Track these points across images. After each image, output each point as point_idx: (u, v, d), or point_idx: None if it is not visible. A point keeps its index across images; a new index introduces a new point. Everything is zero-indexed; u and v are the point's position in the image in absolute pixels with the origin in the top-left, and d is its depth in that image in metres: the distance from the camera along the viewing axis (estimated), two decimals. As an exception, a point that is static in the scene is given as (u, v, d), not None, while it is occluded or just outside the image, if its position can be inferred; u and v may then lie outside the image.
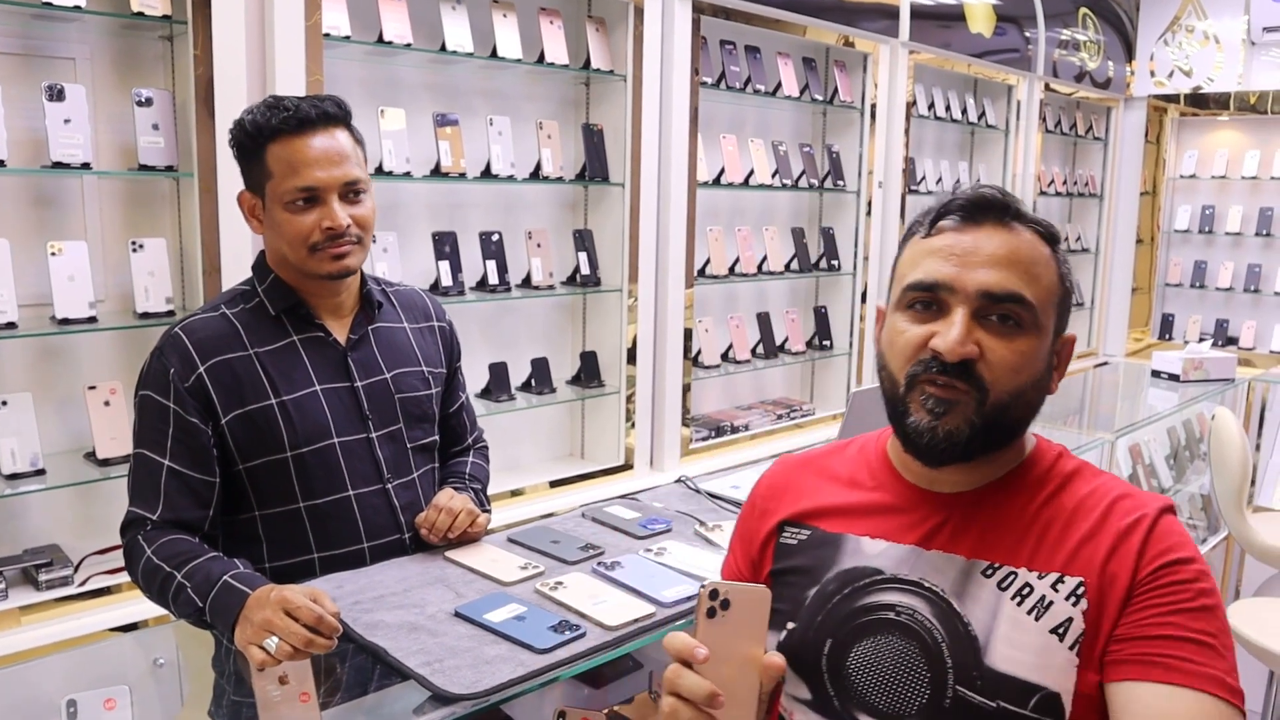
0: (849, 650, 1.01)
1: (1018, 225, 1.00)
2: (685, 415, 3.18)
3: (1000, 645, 0.95)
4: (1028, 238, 1.00)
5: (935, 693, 0.96)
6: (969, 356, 0.96)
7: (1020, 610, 0.95)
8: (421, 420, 1.62)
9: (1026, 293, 0.97)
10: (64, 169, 2.02)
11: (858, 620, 1.01)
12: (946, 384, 0.97)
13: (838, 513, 1.09)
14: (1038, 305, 0.98)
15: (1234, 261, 5.49)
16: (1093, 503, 0.99)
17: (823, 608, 1.04)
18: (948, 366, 0.97)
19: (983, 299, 0.97)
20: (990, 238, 0.99)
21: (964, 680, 0.95)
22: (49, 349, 2.15)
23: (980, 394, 0.97)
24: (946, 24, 4.11)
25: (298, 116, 1.44)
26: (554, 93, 3.00)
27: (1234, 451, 2.83)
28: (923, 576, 1.00)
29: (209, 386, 1.44)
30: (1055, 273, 1.01)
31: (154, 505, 1.42)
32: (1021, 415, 1.00)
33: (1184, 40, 5.48)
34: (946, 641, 0.97)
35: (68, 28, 2.10)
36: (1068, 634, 0.94)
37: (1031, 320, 0.98)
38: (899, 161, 3.94)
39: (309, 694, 1.22)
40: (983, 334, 0.97)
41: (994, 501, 1.02)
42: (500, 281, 2.77)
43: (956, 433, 0.97)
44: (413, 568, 1.53)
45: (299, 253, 1.47)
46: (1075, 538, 0.97)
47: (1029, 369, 0.98)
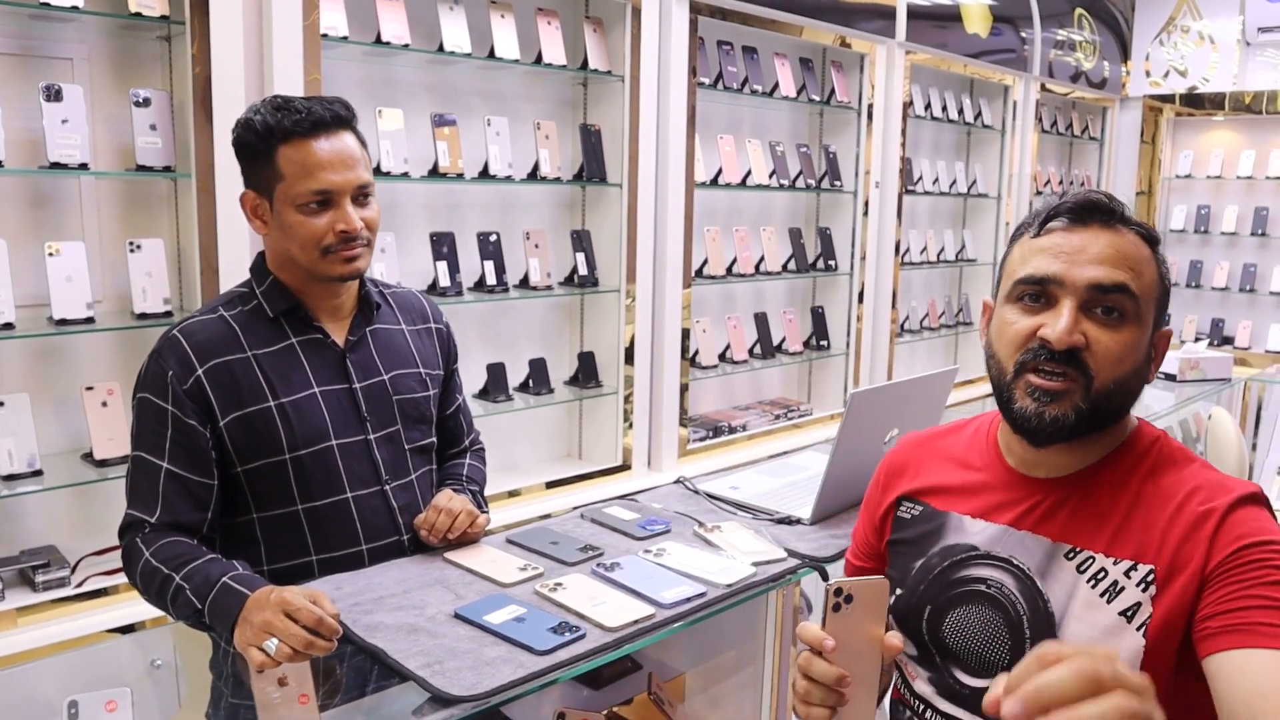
0: (945, 616, 1.14)
1: (1122, 227, 1.08)
2: (683, 415, 3.18)
3: (1073, 622, 1.05)
4: (1131, 238, 1.08)
5: (1014, 658, 1.07)
6: (1076, 345, 1.04)
7: (1094, 592, 1.05)
8: (419, 422, 1.62)
9: (1133, 285, 1.05)
10: (62, 169, 2.02)
11: (954, 590, 1.14)
12: (1053, 372, 1.05)
13: (947, 491, 1.20)
14: (1141, 297, 1.06)
15: (1229, 261, 5.50)
16: (1175, 491, 1.06)
17: (925, 578, 1.17)
18: (1056, 354, 1.05)
19: (1090, 291, 1.05)
20: (1097, 238, 1.07)
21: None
22: (46, 349, 2.15)
23: (1086, 380, 1.05)
24: (943, 24, 4.11)
25: (311, 119, 1.44)
26: (552, 93, 3.00)
27: (1230, 451, 2.84)
28: (1012, 554, 1.11)
29: (207, 389, 1.44)
30: (1156, 271, 1.09)
31: (152, 508, 1.42)
32: (1123, 402, 1.08)
33: (1179, 40, 5.50)
34: (1027, 614, 1.09)
35: (65, 28, 2.10)
36: (1135, 616, 1.02)
37: (1135, 312, 1.06)
38: (896, 162, 3.95)
39: (308, 695, 1.22)
40: (1089, 325, 1.06)
41: (1085, 488, 1.10)
42: (498, 282, 2.77)
43: (1063, 418, 1.05)
44: (412, 569, 1.53)
45: (311, 255, 1.47)
46: (1152, 526, 1.05)
47: (1131, 358, 1.06)
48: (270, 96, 1.49)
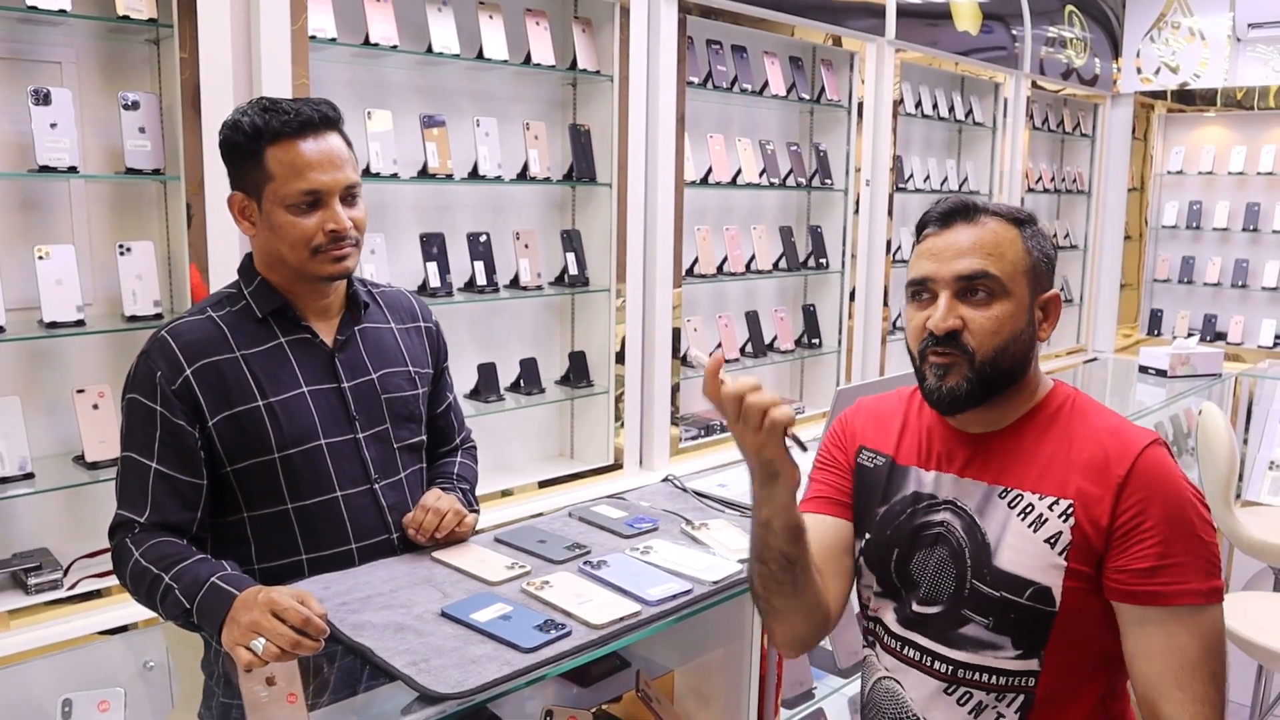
0: (911, 556, 1.33)
1: (983, 218, 1.28)
2: (674, 414, 3.19)
3: (1006, 551, 1.25)
4: (992, 225, 1.27)
5: (959, 584, 1.28)
6: (953, 329, 1.24)
7: (1023, 524, 1.24)
8: (408, 420, 1.63)
9: (992, 268, 1.25)
10: (51, 173, 2.03)
11: (919, 534, 1.33)
12: (943, 352, 1.25)
13: (902, 447, 1.38)
14: (1003, 277, 1.25)
15: (1221, 257, 5.52)
16: (1087, 436, 1.26)
17: (892, 523, 1.36)
18: (939, 339, 1.25)
19: (959, 281, 1.26)
20: (960, 234, 1.28)
21: (978, 575, 1.26)
22: (37, 352, 2.16)
23: (969, 355, 1.24)
24: (933, 22, 4.12)
25: (299, 119, 1.45)
26: (541, 93, 3.01)
27: (1221, 446, 2.85)
28: (956, 497, 1.31)
29: (196, 389, 1.44)
30: (1021, 246, 1.27)
31: (142, 508, 1.42)
32: (1012, 365, 1.26)
33: (1170, 37, 5.51)
34: (968, 547, 1.28)
35: (53, 31, 2.11)
36: (1058, 543, 1.22)
37: (1000, 289, 1.25)
38: (886, 160, 3.96)
39: (296, 695, 1.22)
40: (964, 309, 1.25)
41: (1013, 438, 1.30)
42: (488, 282, 2.78)
43: (957, 388, 1.25)
44: (400, 568, 1.54)
45: (300, 255, 1.47)
46: (1071, 467, 1.25)
47: (1006, 328, 1.25)
48: (257, 98, 1.50)
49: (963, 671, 1.27)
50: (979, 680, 1.26)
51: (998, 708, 1.26)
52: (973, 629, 1.26)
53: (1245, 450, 3.66)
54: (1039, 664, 1.24)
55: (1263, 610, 2.63)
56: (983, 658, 1.26)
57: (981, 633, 1.26)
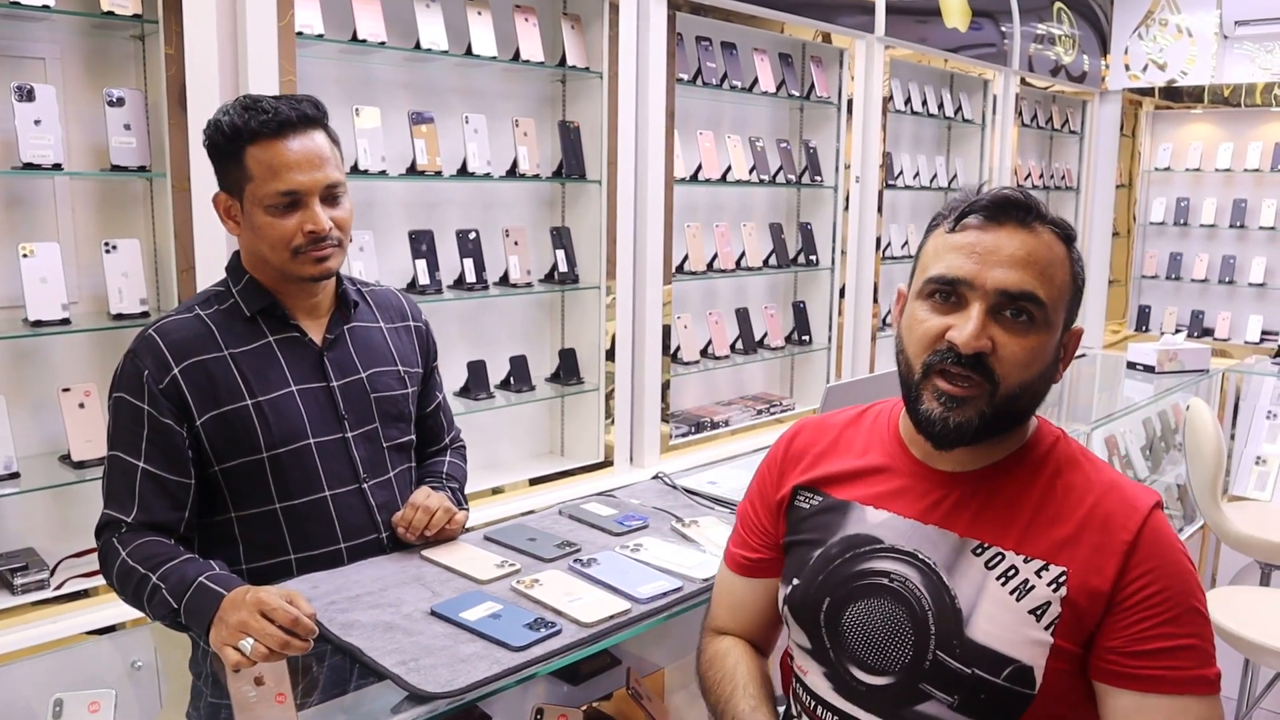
0: (844, 609, 1.12)
1: (1038, 226, 1.06)
2: (665, 412, 3.19)
3: (981, 620, 1.04)
4: (1046, 238, 1.06)
5: (917, 655, 1.07)
6: (982, 350, 1.03)
7: (1004, 590, 1.04)
8: (397, 420, 1.62)
9: (1041, 292, 1.03)
10: (35, 170, 2.01)
11: (855, 583, 1.12)
12: (960, 375, 1.04)
13: (847, 479, 1.18)
14: (1049, 304, 1.04)
15: (1208, 253, 5.54)
16: (1083, 494, 1.06)
17: (825, 569, 1.15)
18: (962, 358, 1.03)
19: (999, 296, 1.04)
20: (1011, 238, 1.05)
21: (944, 647, 1.06)
22: (21, 351, 2.14)
23: (992, 386, 1.03)
24: (922, 19, 4.13)
25: (278, 119, 1.43)
26: (530, 90, 3.00)
27: (1209, 442, 2.87)
28: (918, 548, 1.09)
29: (184, 388, 1.43)
30: (1069, 271, 1.07)
31: (128, 507, 1.41)
32: (1028, 405, 1.07)
33: (1158, 34, 5.53)
34: (933, 610, 1.07)
35: (37, 27, 2.09)
36: (1044, 616, 1.02)
37: (1043, 318, 1.04)
38: (876, 156, 3.96)
39: (285, 695, 1.22)
40: (997, 329, 1.04)
41: (993, 484, 1.09)
42: (478, 280, 2.77)
43: (966, 424, 1.04)
44: (389, 567, 1.53)
45: (281, 255, 1.46)
46: (1063, 528, 1.05)
47: (1038, 363, 1.05)
48: (240, 96, 1.49)
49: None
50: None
51: None
52: (932, 707, 1.06)
53: (1232, 445, 3.68)
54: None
55: (1249, 604, 2.64)
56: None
57: (943, 712, 1.05)
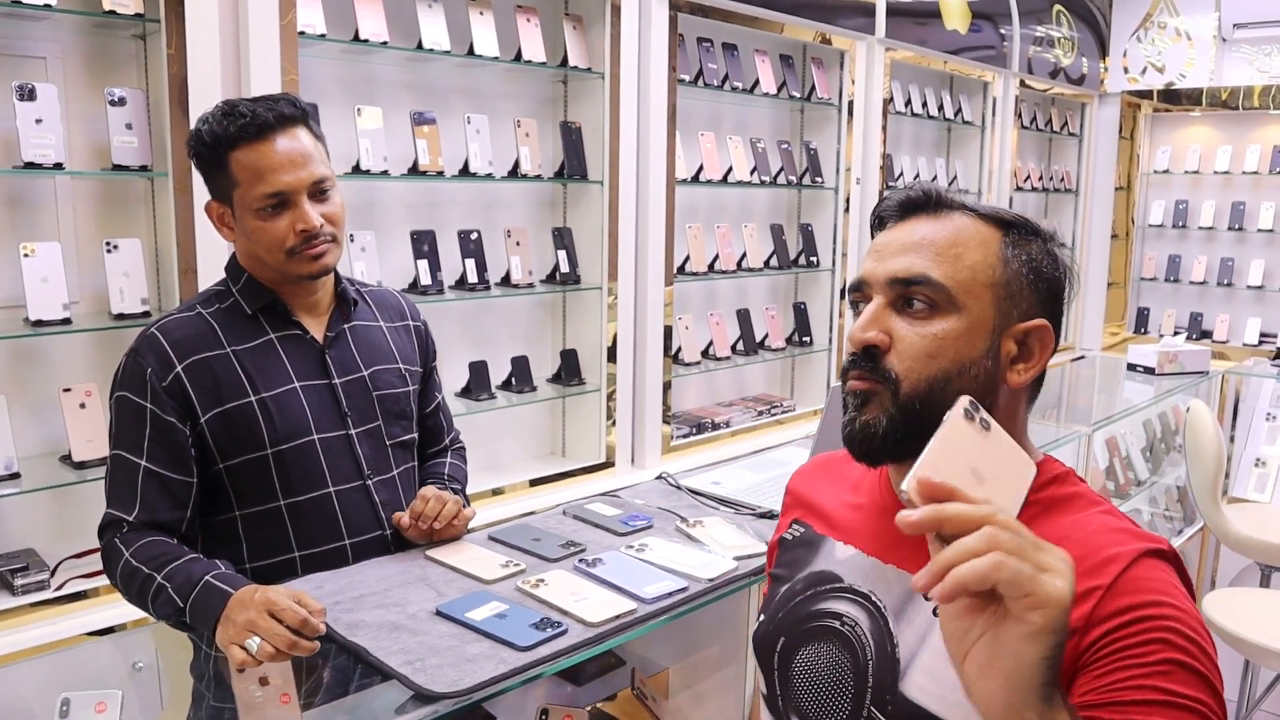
0: (796, 652, 1.02)
1: (950, 213, 0.97)
2: (666, 412, 3.19)
3: (918, 674, 0.92)
4: (957, 222, 0.96)
5: (854, 709, 0.95)
6: (870, 344, 0.94)
7: None
8: (400, 417, 1.62)
9: (934, 273, 0.93)
10: (36, 169, 2.00)
11: (809, 624, 1.01)
12: (860, 375, 0.94)
13: (829, 514, 1.09)
14: (951, 285, 0.93)
15: (1207, 256, 5.55)
16: (1063, 540, 0.82)
17: (785, 606, 1.05)
18: (857, 356, 0.95)
19: (893, 285, 0.94)
20: (912, 229, 0.96)
21: (878, 702, 0.94)
22: (22, 351, 2.13)
23: (892, 384, 0.93)
24: (922, 21, 4.13)
25: (256, 122, 1.42)
26: (532, 91, 2.99)
27: (1209, 443, 2.87)
28: (873, 589, 0.98)
29: (187, 386, 1.43)
30: (996, 253, 0.94)
31: (131, 507, 1.41)
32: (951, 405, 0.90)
33: (1156, 37, 5.54)
34: (873, 660, 0.95)
35: (38, 26, 2.08)
36: None
37: (945, 300, 0.92)
38: (876, 158, 3.96)
39: (289, 695, 1.22)
40: (897, 321, 0.94)
41: None
42: (479, 280, 2.76)
43: (873, 423, 0.93)
44: (393, 567, 1.53)
45: (277, 257, 1.46)
46: None
47: (947, 354, 0.92)
48: (219, 103, 1.48)
49: None
50: None
51: None
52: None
53: (1232, 448, 3.68)
54: None
55: (1249, 606, 2.64)
56: None
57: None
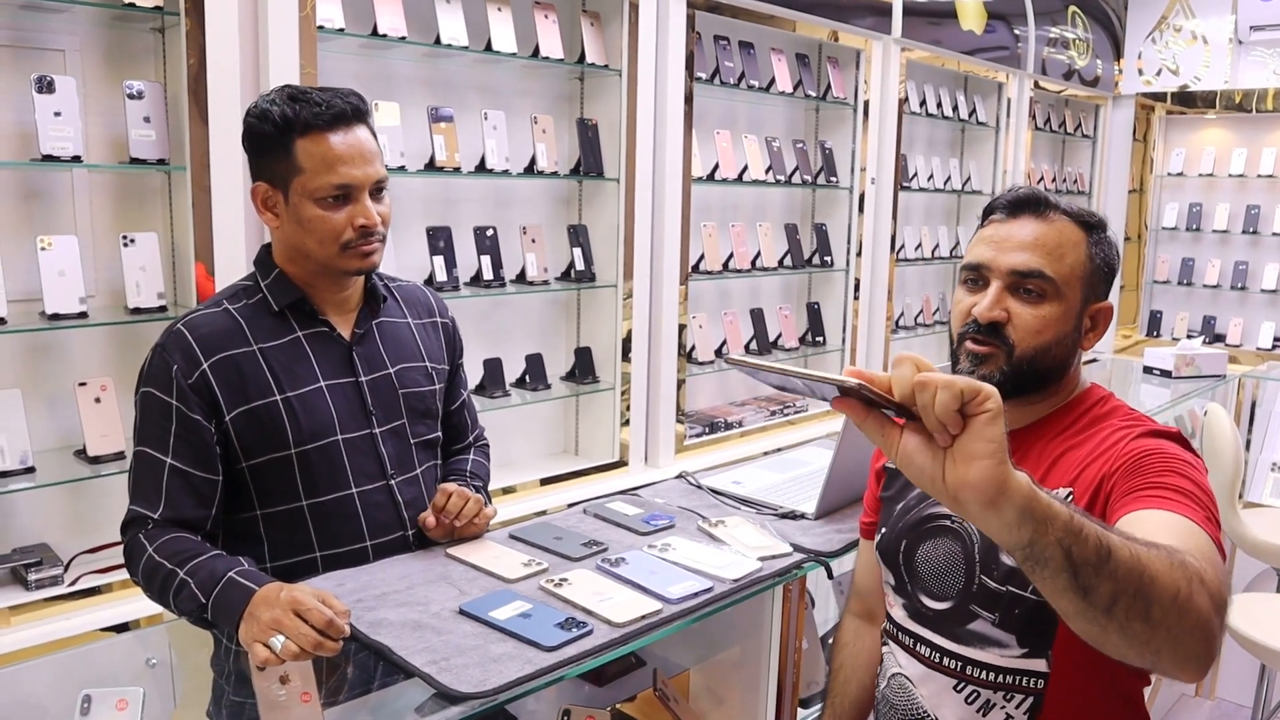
0: (917, 548, 1.32)
1: (1053, 215, 1.26)
2: (679, 411, 3.17)
3: None
4: (1059, 225, 1.25)
5: (968, 581, 1.26)
6: (997, 320, 1.24)
7: None
8: (425, 416, 1.60)
9: (1048, 269, 1.23)
10: (54, 162, 1.99)
11: (925, 525, 1.32)
12: (982, 340, 1.25)
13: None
14: (1058, 279, 1.23)
15: (1221, 259, 5.52)
16: (1105, 429, 1.22)
17: (903, 516, 1.36)
18: (982, 327, 1.24)
19: (1012, 275, 1.24)
20: (1024, 227, 1.26)
21: (986, 570, 1.24)
22: (39, 345, 2.12)
23: (1008, 348, 1.23)
24: (937, 21, 4.11)
25: (331, 112, 1.42)
26: (549, 87, 2.98)
27: (1226, 447, 2.85)
28: None
29: (213, 383, 1.41)
30: (1085, 252, 1.25)
31: (155, 504, 1.39)
32: (1049, 366, 1.25)
33: (1171, 39, 5.51)
34: (978, 543, 1.25)
35: (57, 19, 2.07)
36: None
37: (1054, 291, 1.23)
38: (891, 158, 3.94)
39: (311, 693, 1.20)
40: (1013, 302, 1.24)
41: (1035, 435, 1.27)
42: (495, 277, 2.75)
43: (988, 378, 1.21)
44: (414, 565, 1.51)
45: (329, 249, 1.45)
46: (1080, 456, 1.21)
47: (1051, 330, 1.23)
48: (281, 86, 1.47)
49: (970, 669, 1.26)
50: (986, 679, 1.25)
51: (1006, 708, 1.24)
52: (979, 625, 1.25)
53: (1248, 453, 3.66)
54: (1047, 665, 1.21)
55: (1266, 611, 2.62)
56: (989, 655, 1.24)
57: (988, 629, 1.24)
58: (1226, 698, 3.49)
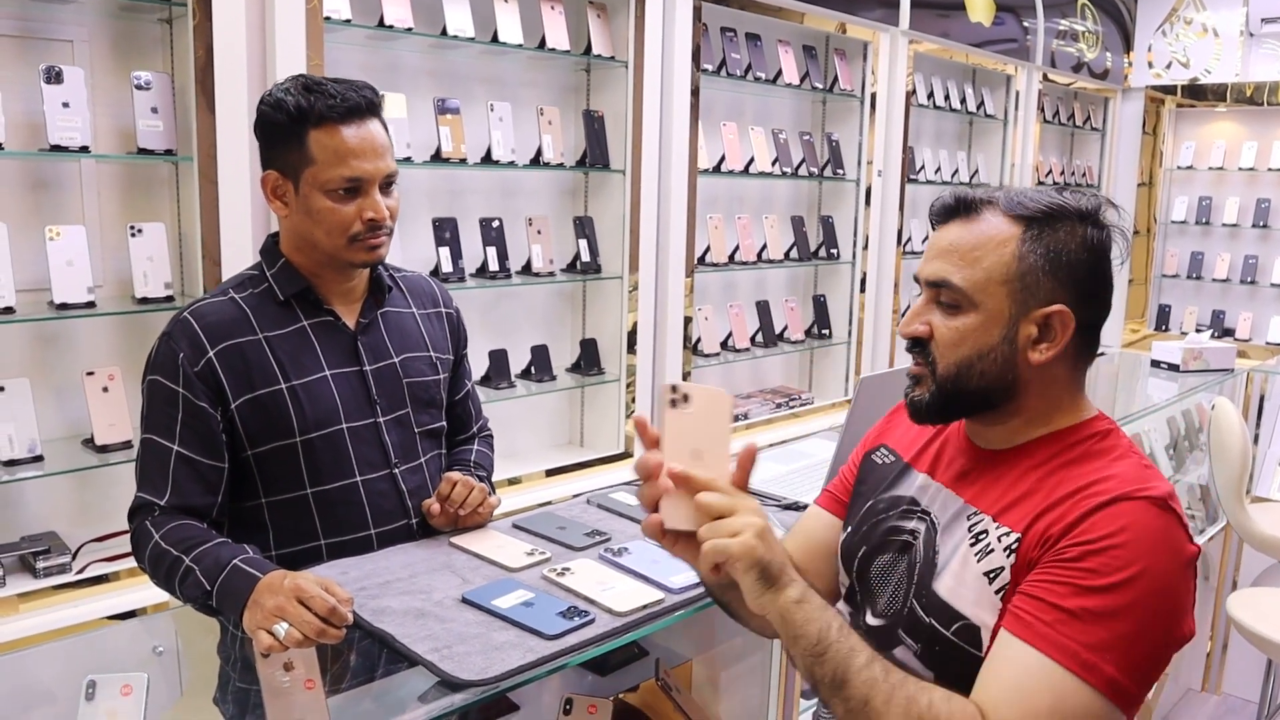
0: (873, 559, 1.22)
1: (983, 214, 1.12)
2: (685, 404, 3.17)
3: (947, 576, 1.11)
4: (984, 225, 1.11)
5: (903, 601, 1.16)
6: (914, 335, 1.14)
7: (971, 550, 1.09)
8: (429, 405, 1.61)
9: (954, 278, 1.10)
10: (62, 152, 2.00)
11: (886, 538, 1.22)
12: (914, 359, 1.16)
13: (918, 451, 1.27)
14: (967, 287, 1.09)
15: (1230, 253, 5.50)
16: (1082, 476, 1.06)
17: (869, 520, 1.25)
18: (909, 344, 1.16)
19: (929, 286, 1.14)
20: (947, 233, 1.14)
21: (918, 595, 1.14)
22: (47, 334, 2.13)
23: (933, 366, 1.13)
24: (945, 13, 4.10)
25: (345, 104, 1.42)
26: (555, 79, 2.98)
27: (1234, 441, 2.84)
28: (931, 506, 1.18)
29: (219, 371, 1.42)
30: (1012, 251, 1.09)
31: (162, 491, 1.41)
32: (984, 385, 1.11)
33: (1182, 31, 5.48)
34: (920, 562, 1.16)
35: (65, 10, 2.08)
36: (996, 580, 1.06)
37: (965, 300, 1.10)
38: (898, 150, 3.93)
39: (314, 680, 1.21)
40: (935, 315, 1.13)
41: (1013, 462, 1.13)
42: (500, 268, 2.76)
43: (919, 399, 1.14)
44: (418, 553, 1.52)
45: (337, 241, 1.45)
46: (1043, 500, 1.06)
47: (970, 343, 1.10)
48: (295, 76, 1.47)
49: None
50: None
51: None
52: (902, 652, 1.14)
53: (1256, 447, 3.64)
54: None
55: (1273, 606, 2.62)
56: None
57: (910, 659, 1.13)
58: (1233, 693, 3.48)
